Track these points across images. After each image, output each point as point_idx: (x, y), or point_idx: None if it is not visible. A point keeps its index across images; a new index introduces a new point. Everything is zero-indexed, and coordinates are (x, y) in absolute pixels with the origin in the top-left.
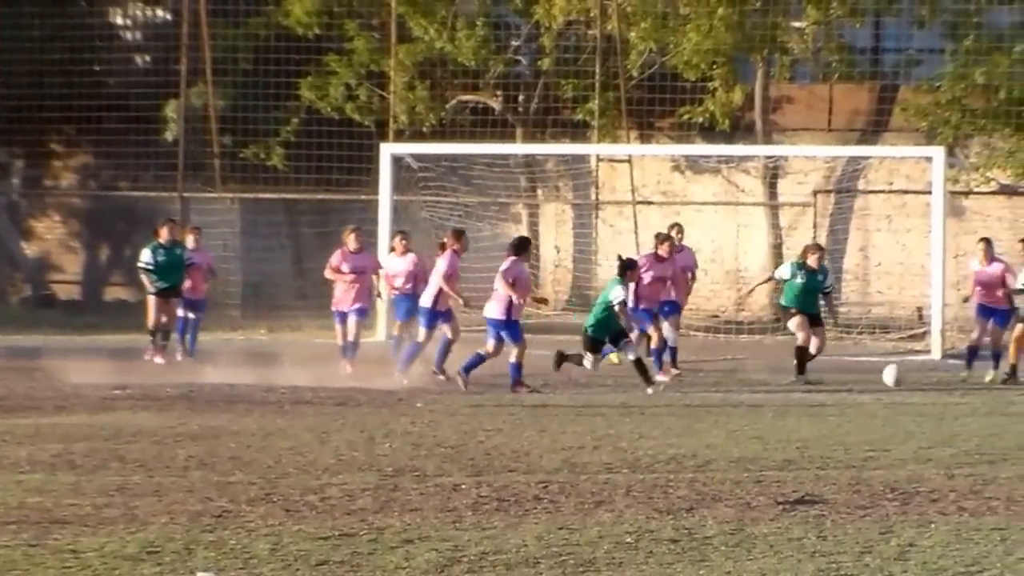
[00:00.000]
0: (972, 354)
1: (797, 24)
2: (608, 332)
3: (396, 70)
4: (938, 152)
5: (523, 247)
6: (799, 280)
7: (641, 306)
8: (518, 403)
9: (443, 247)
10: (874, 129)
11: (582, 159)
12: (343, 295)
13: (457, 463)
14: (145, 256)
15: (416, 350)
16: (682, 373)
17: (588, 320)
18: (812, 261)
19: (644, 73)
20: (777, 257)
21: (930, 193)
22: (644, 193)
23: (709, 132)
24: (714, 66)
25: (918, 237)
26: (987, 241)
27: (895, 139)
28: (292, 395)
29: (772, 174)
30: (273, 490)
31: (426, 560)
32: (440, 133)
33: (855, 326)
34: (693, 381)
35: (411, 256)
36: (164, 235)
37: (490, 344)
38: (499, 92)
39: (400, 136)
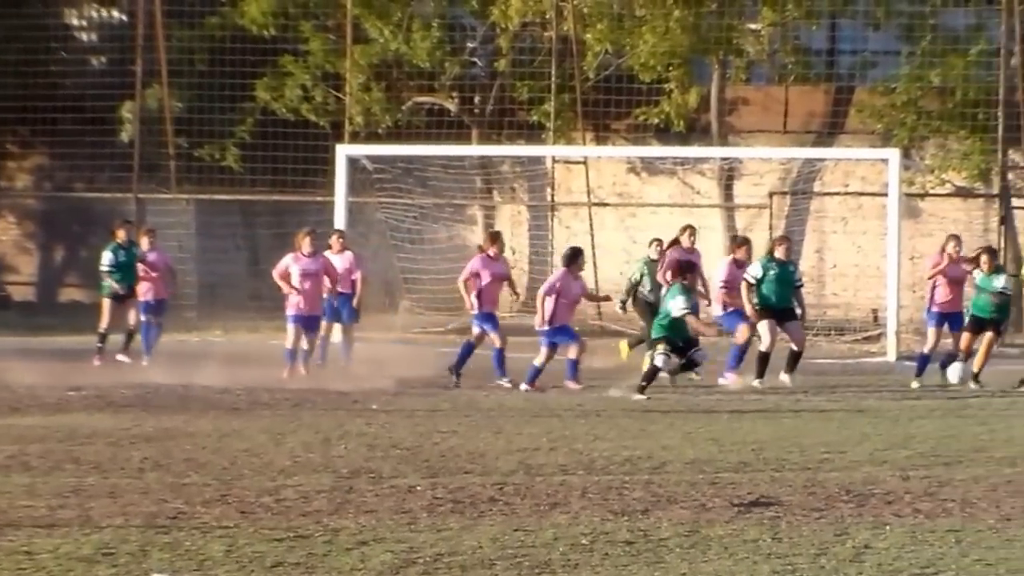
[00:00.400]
0: (924, 362)
1: (753, 26)
2: (676, 335)
3: (352, 71)
4: (894, 154)
5: (572, 259)
6: (772, 273)
7: None
8: (474, 405)
9: (481, 249)
10: (830, 131)
11: (538, 161)
12: (302, 300)
13: (413, 465)
14: (107, 258)
15: (500, 355)
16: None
17: (655, 332)
18: (781, 253)
19: (600, 75)
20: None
21: (886, 195)
22: (600, 195)
23: (665, 134)
24: (670, 68)
25: (874, 239)
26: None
27: (851, 141)
28: (248, 397)
29: (727, 176)
30: (228, 492)
31: (381, 562)
32: (396, 134)
33: (810, 328)
34: (655, 384)
35: (348, 254)
36: (121, 236)
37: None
38: (455, 93)
39: (356, 137)
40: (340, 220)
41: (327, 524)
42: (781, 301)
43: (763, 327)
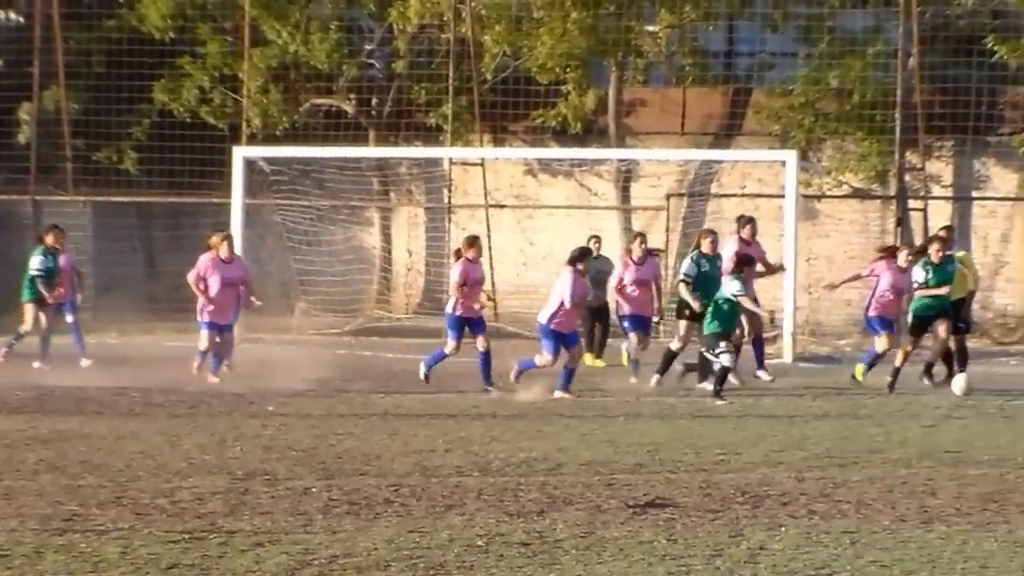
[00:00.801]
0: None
1: (651, 28)
2: (730, 327)
3: (249, 73)
4: (791, 156)
5: (580, 258)
6: (704, 269)
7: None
8: (370, 407)
9: (458, 254)
10: (727, 133)
11: (435, 162)
12: (218, 306)
13: (308, 466)
14: (37, 262)
15: (440, 357)
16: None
17: (707, 327)
18: (707, 247)
19: (497, 77)
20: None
21: (783, 197)
22: (497, 196)
23: (562, 136)
24: (567, 70)
25: (771, 240)
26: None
27: (748, 143)
28: (143, 399)
29: (625, 178)
30: (123, 493)
31: (276, 563)
32: (293, 136)
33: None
34: (547, 385)
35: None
36: (50, 240)
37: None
38: (352, 95)
39: (253, 139)
40: (237, 222)
41: (222, 526)
42: (709, 298)
43: (683, 327)
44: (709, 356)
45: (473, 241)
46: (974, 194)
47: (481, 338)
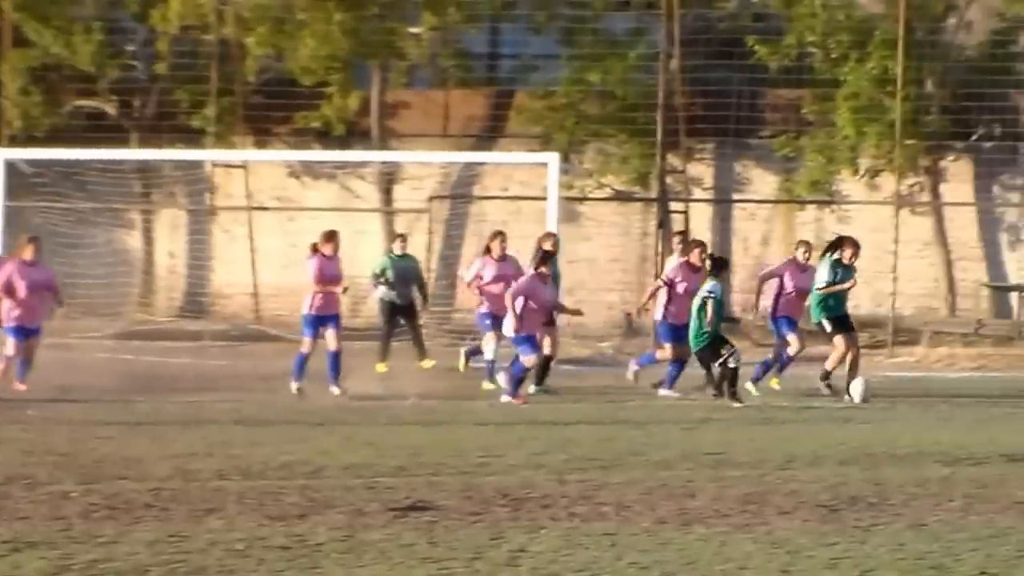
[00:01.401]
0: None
1: (414, 30)
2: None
3: (10, 75)
4: (553, 158)
5: (542, 261)
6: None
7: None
8: (131, 411)
9: (314, 249)
10: (490, 135)
11: (197, 165)
12: (24, 311)
13: (68, 471)
14: None
15: (302, 361)
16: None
17: (693, 341)
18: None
19: (260, 79)
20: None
21: (545, 199)
22: (260, 199)
23: (325, 138)
24: (330, 72)
25: (533, 243)
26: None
27: (511, 145)
28: None
29: (388, 180)
30: None
31: (35, 568)
32: (55, 138)
33: (470, 332)
34: (311, 389)
35: None
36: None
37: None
38: (115, 97)
39: (14, 141)
40: None
41: None
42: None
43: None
44: (715, 366)
45: (331, 236)
46: (735, 196)
47: (333, 337)
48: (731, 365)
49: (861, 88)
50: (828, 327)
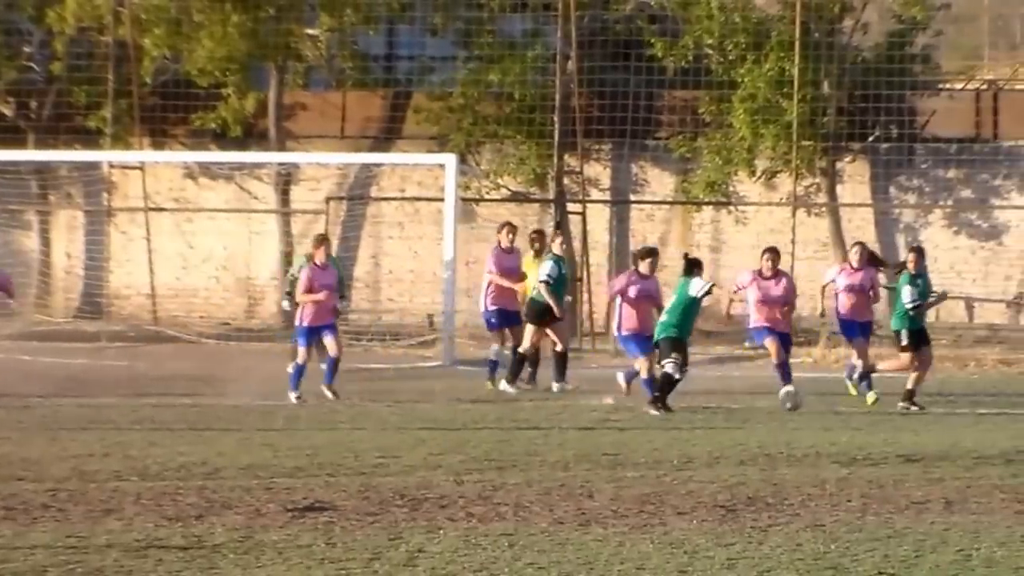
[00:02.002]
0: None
1: (311, 31)
2: (687, 333)
3: None
4: (450, 159)
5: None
6: (564, 271)
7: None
8: (29, 412)
9: (310, 258)
10: (387, 136)
11: (94, 166)
12: None
13: None
14: None
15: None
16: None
17: (659, 330)
18: (558, 248)
19: (158, 80)
20: (289, 264)
21: (442, 200)
22: (157, 200)
23: (223, 139)
24: (227, 73)
25: (430, 244)
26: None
27: (408, 146)
28: None
29: (285, 181)
30: None
31: None
32: None
33: (365, 334)
34: (206, 391)
35: None
36: None
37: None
38: (11, 99)
39: None
40: None
41: None
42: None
43: (530, 329)
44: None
45: (320, 240)
46: (632, 197)
47: (332, 343)
48: (674, 375)
49: (758, 89)
50: (904, 339)
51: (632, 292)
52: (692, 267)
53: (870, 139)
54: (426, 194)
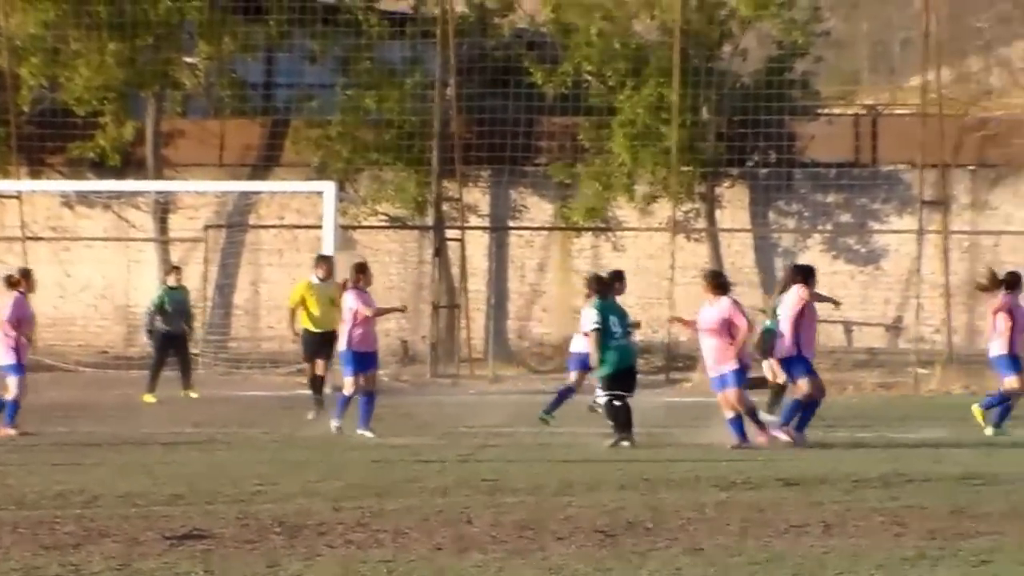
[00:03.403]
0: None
1: (189, 60)
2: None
3: None
4: (329, 186)
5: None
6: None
7: None
8: None
9: (345, 285)
10: (266, 164)
11: None
12: None
13: None
14: None
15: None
16: None
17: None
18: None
19: (35, 109)
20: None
21: (321, 227)
22: (34, 229)
23: (100, 168)
24: (105, 101)
25: (308, 271)
26: None
27: (287, 174)
28: None
29: (163, 209)
30: None
31: None
32: None
33: (244, 361)
34: (84, 419)
35: None
36: None
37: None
38: None
39: None
40: None
41: None
42: None
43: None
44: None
45: (361, 268)
46: (511, 224)
47: (371, 376)
48: (600, 403)
49: (637, 115)
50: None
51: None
52: (601, 287)
53: (749, 164)
54: (305, 221)
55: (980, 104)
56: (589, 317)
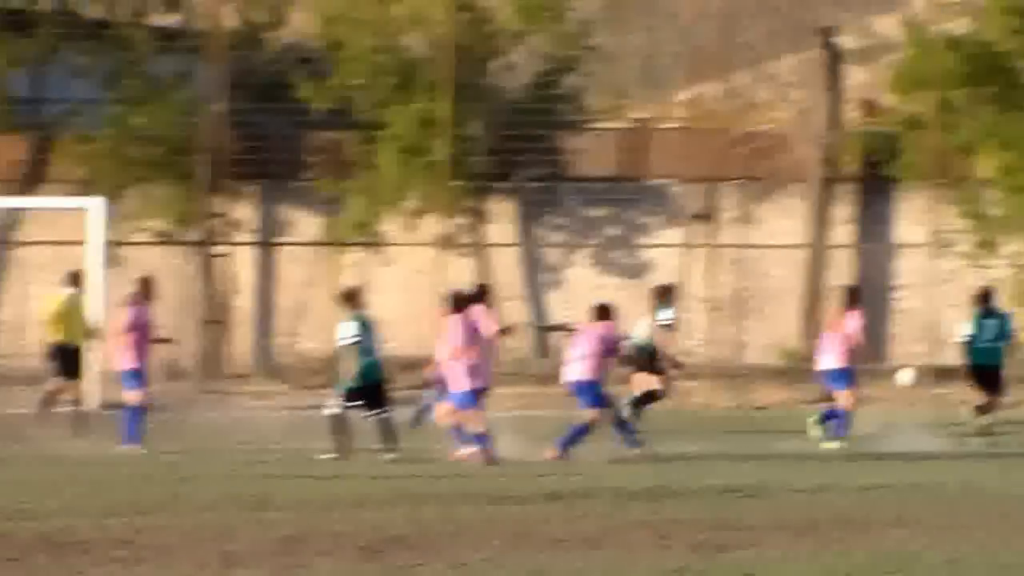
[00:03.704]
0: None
1: None
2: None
3: None
4: (95, 203)
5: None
6: None
7: None
8: None
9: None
10: (33, 180)
11: None
12: None
13: None
14: None
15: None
16: None
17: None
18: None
19: None
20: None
21: (88, 243)
22: None
23: None
24: None
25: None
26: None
27: (54, 190)
28: None
29: None
30: None
31: None
32: None
33: (10, 377)
34: None
35: None
36: None
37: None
38: None
39: None
40: None
41: None
42: None
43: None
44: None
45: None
46: (278, 239)
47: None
48: (331, 411)
49: (405, 130)
50: None
51: None
52: (348, 300)
53: (517, 179)
54: (72, 238)
55: (748, 118)
56: (348, 330)
